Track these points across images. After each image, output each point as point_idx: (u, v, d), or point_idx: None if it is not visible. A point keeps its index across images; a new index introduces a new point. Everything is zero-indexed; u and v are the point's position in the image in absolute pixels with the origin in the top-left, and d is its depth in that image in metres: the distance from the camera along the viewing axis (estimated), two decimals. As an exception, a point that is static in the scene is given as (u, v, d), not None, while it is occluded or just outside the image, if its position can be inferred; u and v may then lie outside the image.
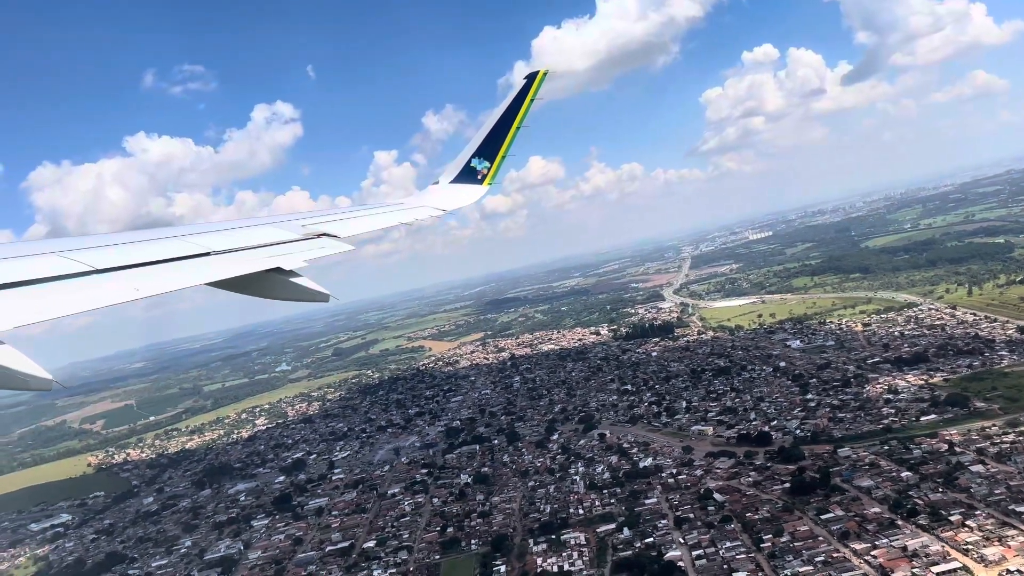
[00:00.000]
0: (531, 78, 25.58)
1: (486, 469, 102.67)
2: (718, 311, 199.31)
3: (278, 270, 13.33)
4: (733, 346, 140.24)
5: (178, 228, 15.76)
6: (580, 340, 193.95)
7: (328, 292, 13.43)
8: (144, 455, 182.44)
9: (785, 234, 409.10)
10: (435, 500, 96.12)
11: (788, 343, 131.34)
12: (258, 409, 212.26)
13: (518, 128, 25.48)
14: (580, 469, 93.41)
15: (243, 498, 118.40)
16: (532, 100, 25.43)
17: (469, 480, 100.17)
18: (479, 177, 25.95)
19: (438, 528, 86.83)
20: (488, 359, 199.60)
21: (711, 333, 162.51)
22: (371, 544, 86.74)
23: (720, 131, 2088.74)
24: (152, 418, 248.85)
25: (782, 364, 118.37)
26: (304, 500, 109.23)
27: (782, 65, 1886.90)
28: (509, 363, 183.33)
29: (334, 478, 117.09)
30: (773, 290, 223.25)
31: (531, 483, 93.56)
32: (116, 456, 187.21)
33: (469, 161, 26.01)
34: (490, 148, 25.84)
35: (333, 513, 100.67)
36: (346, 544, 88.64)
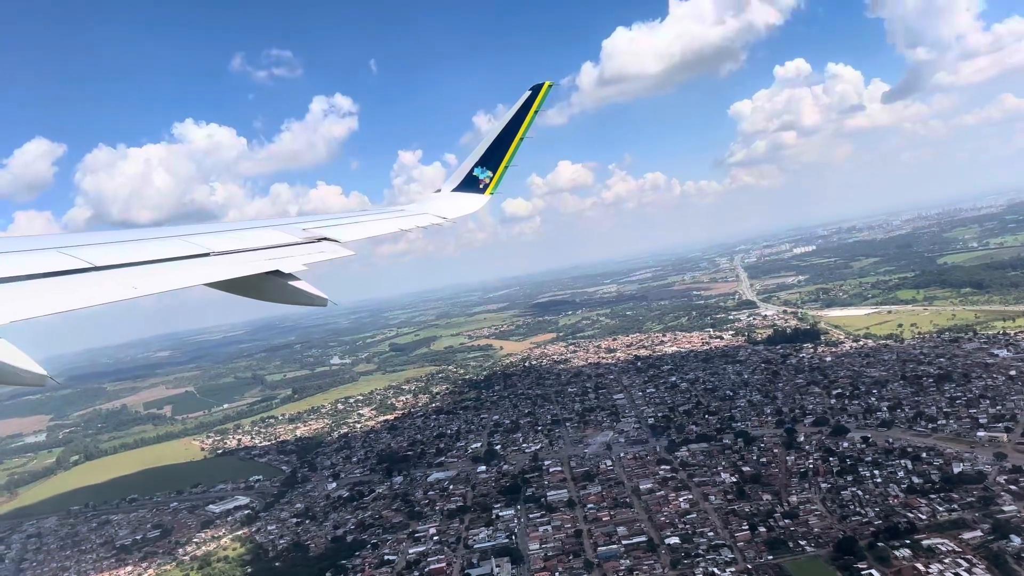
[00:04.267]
0: (536, 89, 25.80)
1: (747, 468, 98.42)
2: (844, 319, 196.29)
3: (277, 273, 13.35)
4: (922, 353, 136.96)
5: (178, 228, 15.86)
6: (706, 344, 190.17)
7: (326, 296, 13.38)
8: (257, 442, 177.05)
9: (833, 248, 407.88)
10: (711, 498, 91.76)
11: (993, 352, 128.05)
12: (352, 400, 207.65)
13: (522, 139, 25.68)
14: (874, 472, 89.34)
15: (450, 487, 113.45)
16: (536, 111, 25.73)
17: (734, 479, 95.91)
18: (481, 186, 26.05)
19: (745, 527, 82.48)
20: (605, 359, 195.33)
21: (869, 341, 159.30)
22: (674, 540, 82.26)
23: (749, 144, 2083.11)
24: (226, 405, 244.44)
25: (1012, 372, 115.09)
26: (537, 492, 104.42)
27: (829, 79, 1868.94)
28: (639, 363, 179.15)
29: (551, 470, 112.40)
30: (878, 301, 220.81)
31: (824, 485, 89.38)
32: (226, 442, 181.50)
33: (472, 170, 26.15)
34: (493, 158, 25.96)
35: (589, 506, 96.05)
36: (641, 539, 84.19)
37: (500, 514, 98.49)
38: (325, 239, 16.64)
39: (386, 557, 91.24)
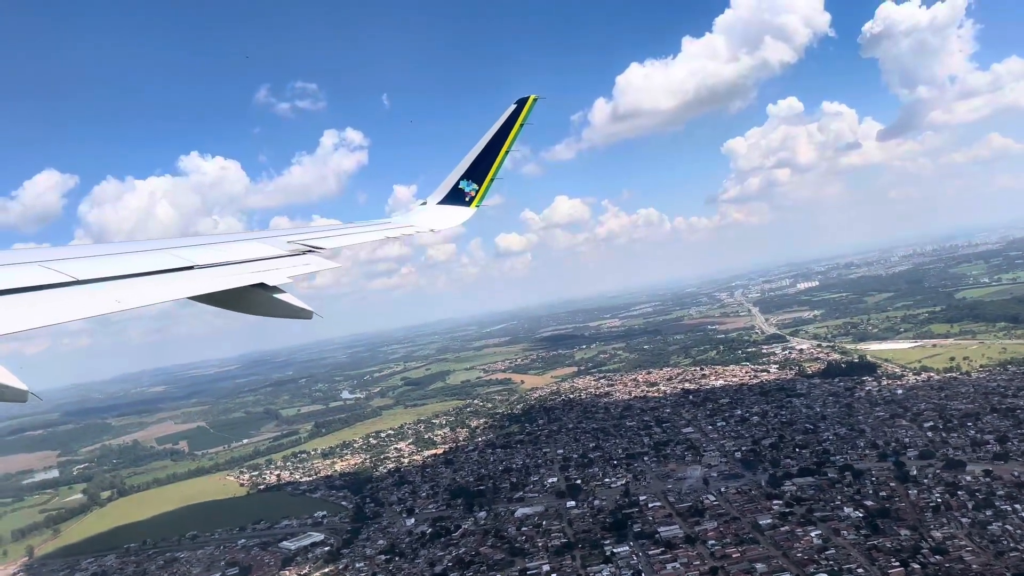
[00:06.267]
0: (521, 103, 26.02)
1: (869, 503, 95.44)
2: (889, 353, 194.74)
3: (262, 286, 13.18)
4: (1000, 385, 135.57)
5: (162, 240, 15.58)
6: (754, 377, 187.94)
7: (311, 309, 13.14)
8: (297, 477, 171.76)
9: (837, 284, 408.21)
10: (844, 533, 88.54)
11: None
12: (383, 435, 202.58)
13: (507, 152, 25.98)
14: (1015, 507, 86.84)
15: (544, 523, 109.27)
16: (522, 125, 26.00)
17: (860, 514, 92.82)
18: (467, 199, 26.25)
19: (895, 564, 79.27)
20: (649, 392, 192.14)
21: (932, 374, 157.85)
22: (822, 578, 78.99)
23: (743, 180, 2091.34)
24: (245, 440, 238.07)
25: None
26: (645, 528, 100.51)
27: (824, 117, 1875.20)
28: (690, 397, 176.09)
29: (650, 505, 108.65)
30: (913, 335, 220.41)
31: (963, 519, 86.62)
32: (265, 477, 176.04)
33: (457, 183, 26.34)
34: (479, 170, 26.16)
35: (711, 543, 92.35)
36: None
37: (614, 551, 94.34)
38: (311, 251, 16.36)
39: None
